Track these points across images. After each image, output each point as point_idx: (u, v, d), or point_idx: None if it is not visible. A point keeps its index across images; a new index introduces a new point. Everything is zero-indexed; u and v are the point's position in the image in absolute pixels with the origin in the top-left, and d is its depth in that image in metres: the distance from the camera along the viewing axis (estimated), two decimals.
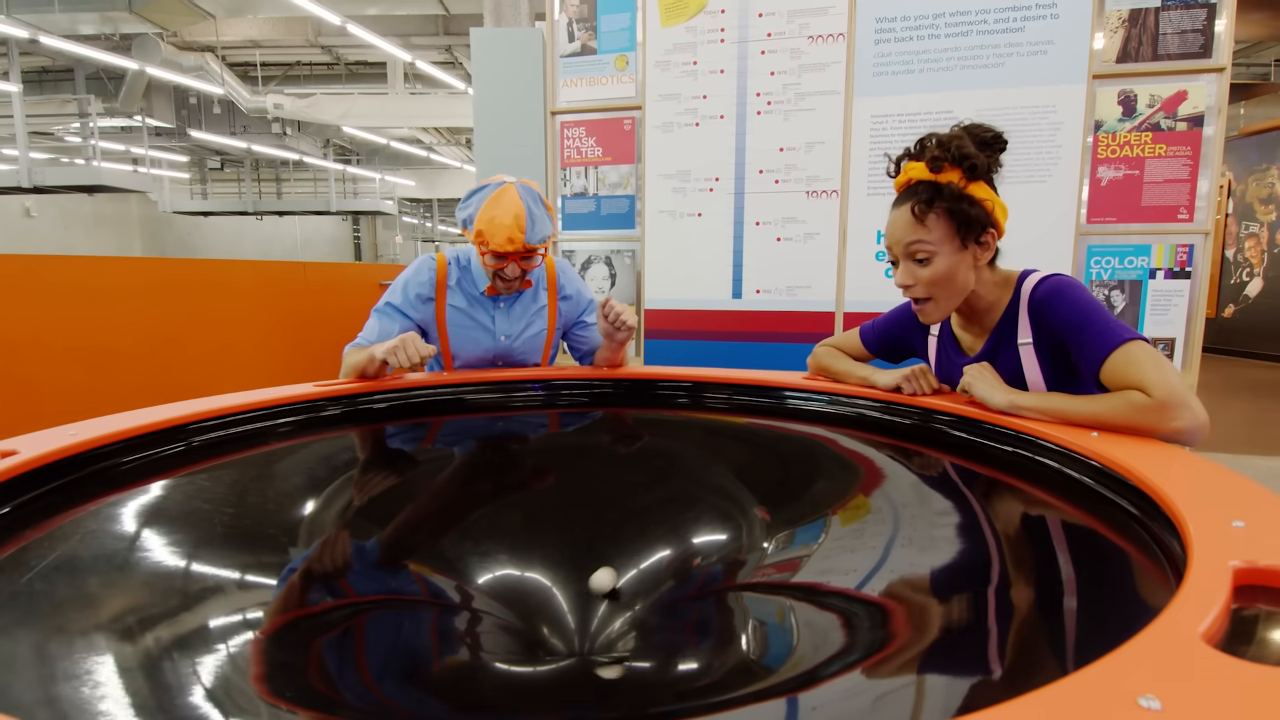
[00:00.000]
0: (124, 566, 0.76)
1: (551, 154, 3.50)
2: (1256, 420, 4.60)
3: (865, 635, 0.73)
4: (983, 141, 1.20)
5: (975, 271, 1.26)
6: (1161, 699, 0.35)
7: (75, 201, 16.85)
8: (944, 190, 1.18)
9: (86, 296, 3.42)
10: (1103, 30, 2.86)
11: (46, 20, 8.63)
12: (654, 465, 1.33)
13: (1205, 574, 0.48)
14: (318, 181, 18.91)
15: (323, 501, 1.02)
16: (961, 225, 1.20)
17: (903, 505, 1.01)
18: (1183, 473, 0.71)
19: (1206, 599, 0.45)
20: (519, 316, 1.83)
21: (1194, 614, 0.43)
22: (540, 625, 0.91)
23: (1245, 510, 0.59)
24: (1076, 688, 0.36)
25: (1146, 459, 0.78)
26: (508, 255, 1.64)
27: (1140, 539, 0.69)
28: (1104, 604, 0.65)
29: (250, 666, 0.69)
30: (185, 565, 0.79)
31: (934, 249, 1.20)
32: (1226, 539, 0.54)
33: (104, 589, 0.72)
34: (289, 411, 1.16)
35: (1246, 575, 0.49)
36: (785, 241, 3.23)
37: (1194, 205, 2.90)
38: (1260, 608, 0.47)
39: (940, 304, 1.25)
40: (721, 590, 0.97)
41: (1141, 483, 0.71)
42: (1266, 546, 0.52)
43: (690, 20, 3.24)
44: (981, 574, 0.80)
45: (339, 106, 11.77)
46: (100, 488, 0.86)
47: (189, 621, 0.71)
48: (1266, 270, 7.36)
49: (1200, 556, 0.51)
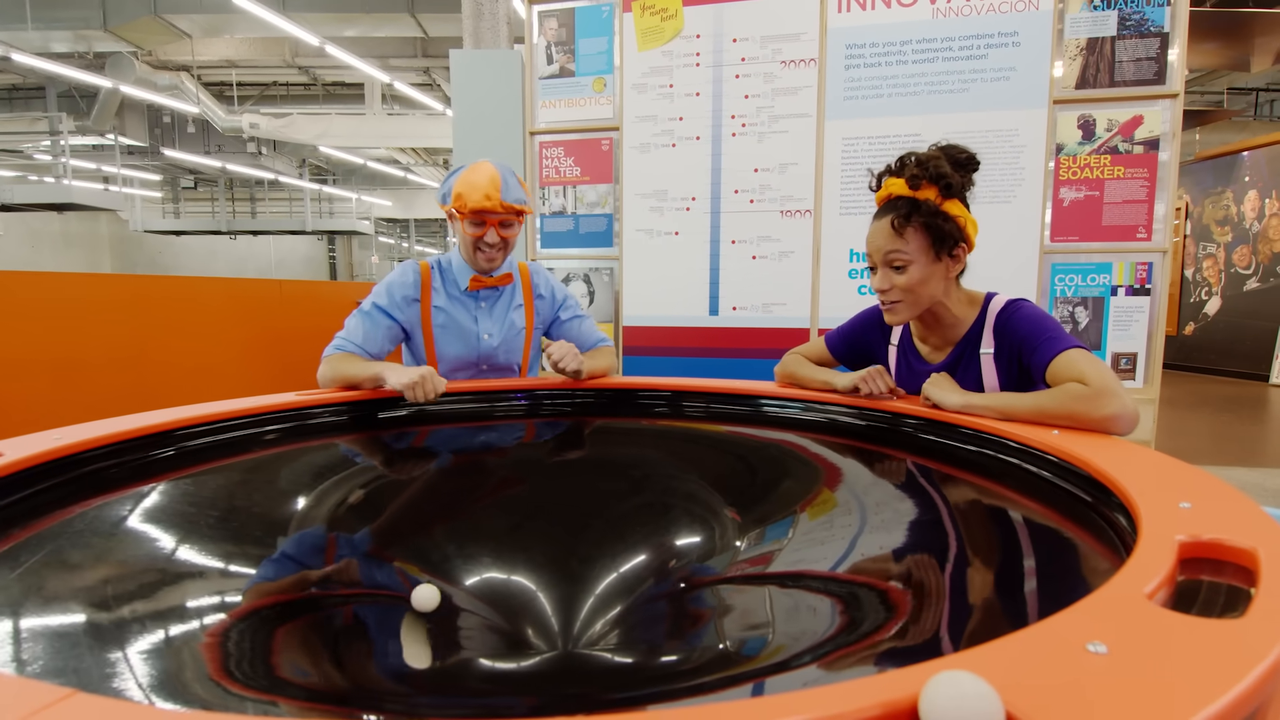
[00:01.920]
0: (110, 563, 0.77)
1: (530, 174, 3.54)
2: (1216, 433, 4.74)
3: (835, 616, 0.77)
4: (958, 162, 1.31)
5: (945, 283, 1.35)
6: (1107, 644, 0.38)
7: (43, 220, 16.56)
8: (921, 206, 1.28)
9: (54, 312, 3.37)
10: (1062, 58, 2.98)
11: (18, 37, 8.55)
12: (631, 472, 1.36)
13: (1153, 546, 0.52)
14: (293, 201, 18.77)
15: (306, 508, 1.03)
16: (936, 239, 1.30)
17: (867, 500, 1.05)
18: (1136, 463, 0.76)
19: (1153, 566, 0.48)
20: (500, 315, 1.88)
21: (1141, 578, 0.46)
22: (523, 624, 0.93)
23: (1193, 494, 0.64)
24: (1033, 637, 0.39)
25: (1103, 453, 0.82)
26: (485, 216, 1.72)
27: (1095, 525, 0.73)
28: (1059, 580, 0.69)
29: (228, 659, 0.70)
30: (169, 563, 0.80)
31: (910, 259, 1.30)
32: (1174, 517, 0.58)
33: (89, 585, 0.73)
34: (271, 420, 1.17)
35: (1192, 549, 0.53)
36: (760, 259, 3.29)
37: (1152, 225, 3.02)
38: (1204, 579, 0.51)
39: (908, 307, 1.35)
40: (697, 587, 1.00)
41: (1097, 472, 0.75)
42: (1211, 523, 0.56)
43: (666, 45, 3.32)
44: (945, 557, 0.85)
45: (316, 126, 11.76)
46: (87, 490, 0.87)
47: (172, 614, 0.72)
48: (1224, 289, 7.60)
49: (1149, 532, 0.55)
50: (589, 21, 3.42)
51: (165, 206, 18.31)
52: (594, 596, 0.98)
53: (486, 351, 1.87)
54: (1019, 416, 1.11)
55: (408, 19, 8.45)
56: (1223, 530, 0.54)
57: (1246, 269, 7.32)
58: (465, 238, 1.78)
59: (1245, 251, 7.33)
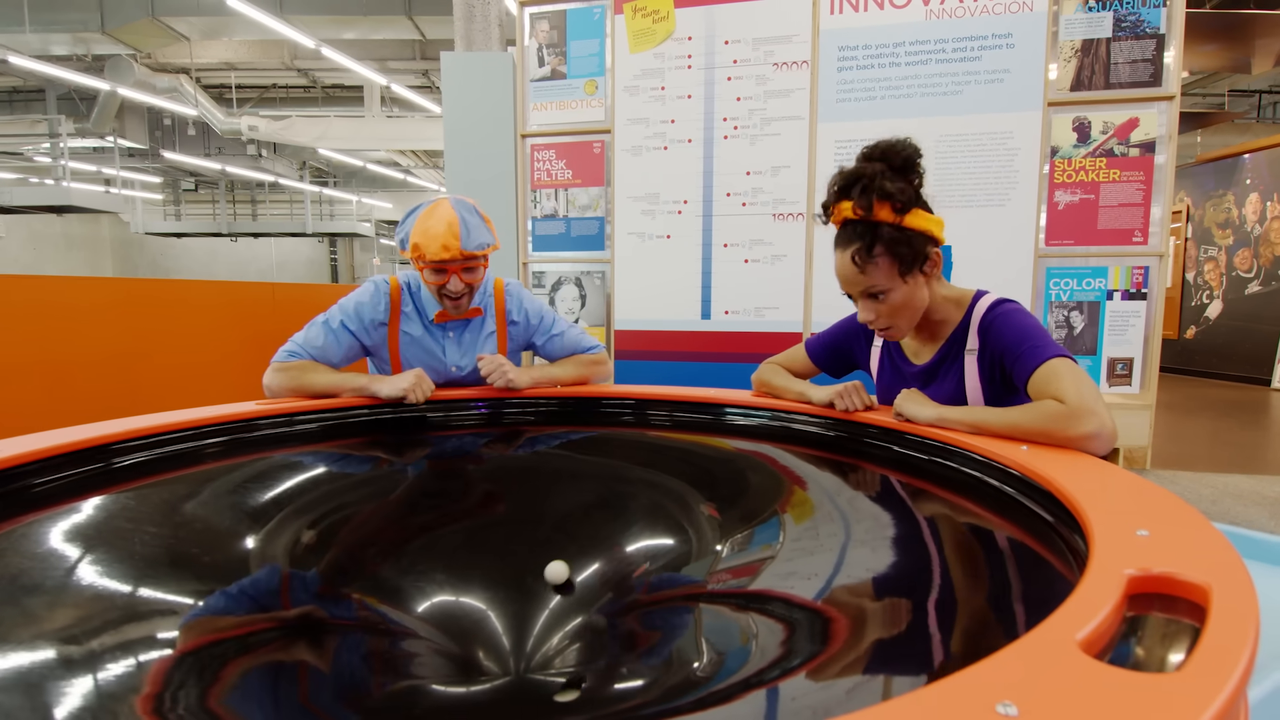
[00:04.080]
0: (34, 586, 0.74)
1: (521, 176, 3.52)
2: (1216, 439, 4.69)
3: (764, 643, 0.74)
4: (902, 166, 1.22)
5: (928, 288, 1.31)
6: (1019, 705, 0.35)
7: (45, 222, 16.59)
8: (879, 231, 1.20)
9: (47, 315, 3.36)
10: (1057, 60, 2.95)
11: (17, 40, 8.56)
12: (596, 483, 1.33)
13: (1098, 582, 0.49)
14: (294, 203, 18.78)
15: (253, 524, 1.00)
16: (904, 262, 1.24)
17: (829, 514, 1.02)
18: (1100, 484, 0.73)
19: (1091, 606, 0.45)
20: (469, 346, 1.80)
21: (1075, 621, 0.43)
22: (488, 638, 0.90)
23: (1154, 519, 0.61)
24: (939, 694, 0.36)
25: (1069, 471, 0.79)
26: (445, 266, 1.60)
27: (1055, 546, 0.70)
28: (1007, 609, 0.66)
29: (159, 689, 0.67)
30: (102, 584, 0.78)
31: (885, 285, 1.25)
32: (1128, 547, 0.55)
33: (10, 607, 0.70)
34: (220, 431, 1.14)
35: (1141, 583, 0.50)
36: (753, 263, 3.26)
37: (1148, 229, 2.98)
38: (1154, 615, 0.48)
39: (902, 326, 1.32)
40: (660, 600, 0.97)
41: (1059, 492, 0.72)
42: (1166, 555, 0.53)
43: (658, 47, 3.30)
44: (885, 585, 0.81)
45: (315, 129, 11.75)
46: (14, 508, 0.84)
47: (102, 641, 0.70)
48: (1226, 293, 7.55)
49: (1098, 564, 0.52)
50: (581, 23, 3.40)
51: (166, 209, 18.31)
52: (549, 614, 0.95)
53: (455, 379, 1.79)
54: (992, 431, 1.08)
55: (405, 21, 8.45)
56: (1177, 563, 0.51)
57: (1248, 272, 7.28)
58: (428, 287, 1.68)
59: (1247, 254, 7.28)
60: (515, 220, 3.52)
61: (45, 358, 3.34)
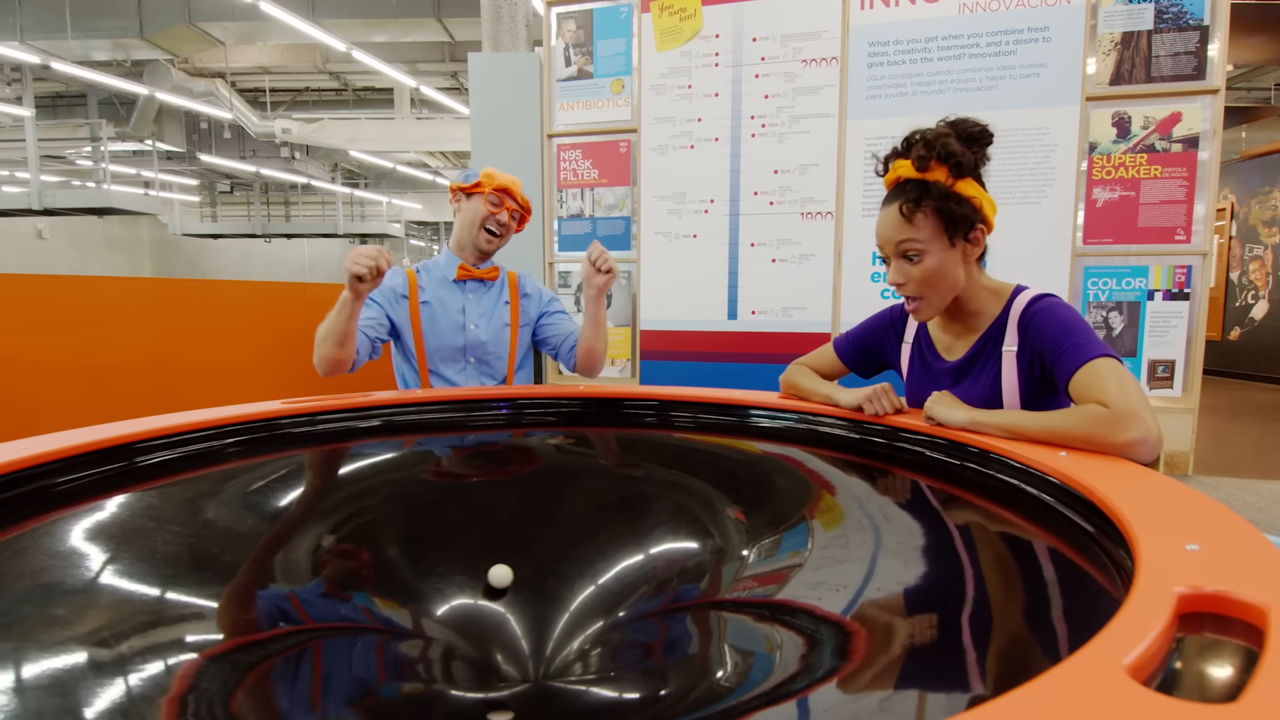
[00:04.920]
0: (57, 584, 0.75)
1: (548, 176, 3.52)
2: (1263, 444, 4.54)
3: (788, 656, 0.71)
4: (969, 137, 1.20)
5: (965, 268, 1.26)
6: None
7: (87, 224, 17.06)
8: (931, 189, 1.18)
9: (83, 316, 3.44)
10: (1095, 53, 2.87)
11: (60, 46, 8.79)
12: (617, 484, 1.32)
13: (1146, 601, 0.46)
14: (325, 205, 19.08)
15: (272, 522, 1.00)
16: (949, 223, 1.20)
17: (859, 522, 0.99)
18: (1145, 493, 0.69)
19: (1139, 627, 0.42)
20: (488, 307, 1.97)
21: (1122, 644, 0.40)
22: (506, 642, 0.89)
23: (1205, 532, 0.57)
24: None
25: (1112, 479, 0.75)
26: (508, 193, 1.88)
27: (1098, 560, 0.66)
28: (1046, 628, 0.62)
29: (180, 692, 0.67)
30: (124, 584, 0.78)
31: (923, 246, 1.21)
32: (1178, 562, 0.52)
33: (34, 606, 0.71)
34: (241, 431, 1.15)
35: (1192, 602, 0.46)
36: (780, 263, 3.22)
37: (1191, 227, 2.89)
38: (1206, 636, 0.45)
39: (932, 302, 1.26)
40: (682, 607, 0.95)
41: (1100, 501, 0.69)
42: (1218, 571, 0.49)
43: (685, 45, 3.27)
44: (928, 595, 0.78)
45: (346, 131, 11.92)
46: (41, 505, 0.84)
47: (123, 642, 0.70)
48: (1271, 293, 7.31)
49: (1145, 581, 0.49)
50: (607, 22, 3.39)
51: (203, 210, 18.72)
52: (570, 618, 0.93)
53: (474, 341, 1.93)
54: (1028, 437, 1.03)
55: (434, 24, 8.51)
56: (1232, 580, 0.48)
57: None
58: (475, 216, 1.89)
59: None
60: (541, 220, 3.52)
61: (82, 358, 3.42)
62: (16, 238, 16.18)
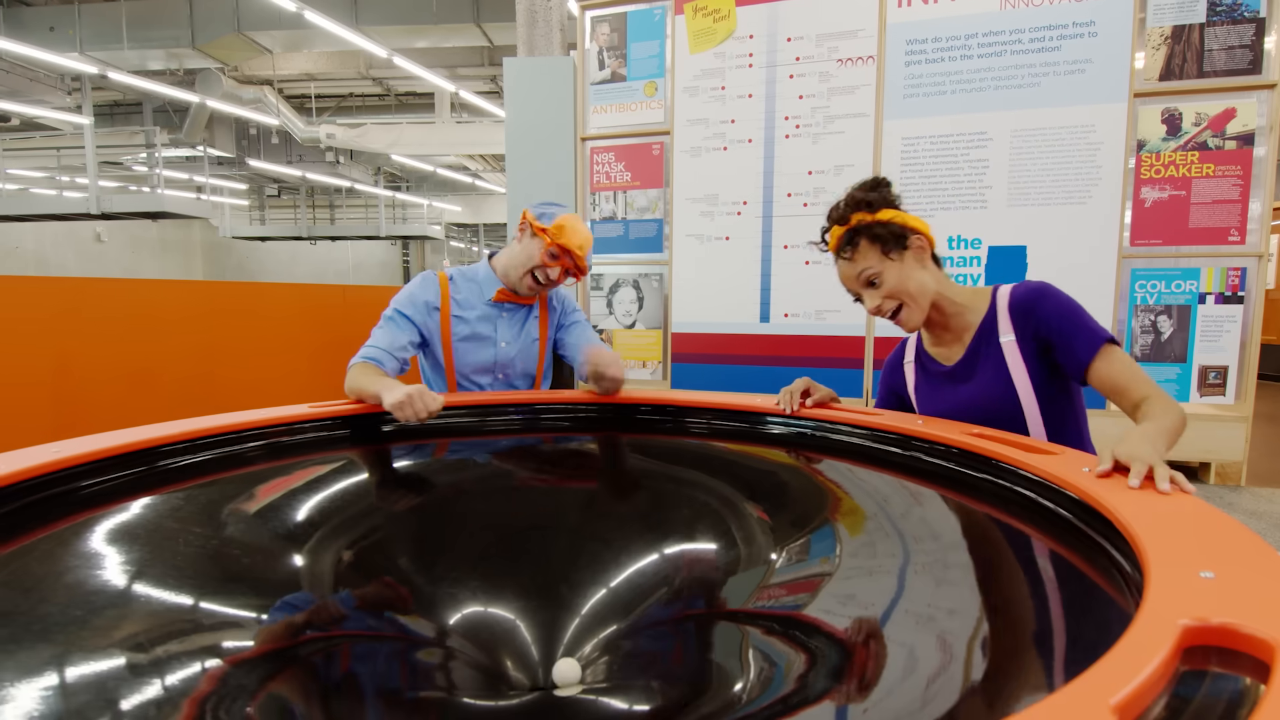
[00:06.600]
0: (85, 586, 0.77)
1: (581, 179, 3.53)
2: None
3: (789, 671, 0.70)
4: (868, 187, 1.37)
5: (927, 272, 1.34)
6: None
7: (142, 227, 17.69)
8: (858, 227, 1.33)
9: (129, 317, 3.56)
10: (1144, 48, 2.78)
11: (117, 56, 9.13)
12: (635, 491, 1.31)
13: (1146, 633, 0.43)
14: (369, 207, 19.43)
15: (292, 529, 1.01)
16: (884, 243, 1.31)
17: (879, 532, 0.97)
18: (1168, 515, 0.65)
19: (1134, 663, 0.40)
20: (518, 325, 1.93)
21: (1113, 681, 0.38)
22: (518, 649, 0.89)
23: (1223, 559, 0.53)
24: None
25: (1133, 496, 0.71)
26: (569, 256, 1.79)
27: (1118, 584, 0.63)
28: (1050, 658, 0.60)
29: (198, 699, 0.68)
30: (150, 588, 0.80)
31: (876, 268, 1.32)
32: (1187, 591, 0.49)
33: (61, 608, 0.73)
34: (260, 435, 1.16)
35: (1195, 635, 0.44)
36: (814, 265, 3.19)
37: (1245, 227, 2.78)
38: (1213, 670, 0.42)
39: (910, 308, 1.34)
40: (694, 615, 0.94)
41: (1118, 521, 0.65)
42: (1229, 603, 0.46)
43: (719, 46, 3.26)
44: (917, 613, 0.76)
45: (388, 136, 12.13)
46: (70, 508, 0.87)
47: (147, 643, 0.71)
48: None
49: (1150, 611, 0.46)
50: (641, 25, 3.39)
51: (252, 214, 19.23)
52: (588, 627, 0.93)
53: (504, 359, 1.91)
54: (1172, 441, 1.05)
55: (474, 29, 8.61)
56: (1241, 612, 0.45)
57: None
58: (529, 259, 1.81)
59: None
60: None
61: (129, 360, 3.54)
62: (77, 241, 16.86)
